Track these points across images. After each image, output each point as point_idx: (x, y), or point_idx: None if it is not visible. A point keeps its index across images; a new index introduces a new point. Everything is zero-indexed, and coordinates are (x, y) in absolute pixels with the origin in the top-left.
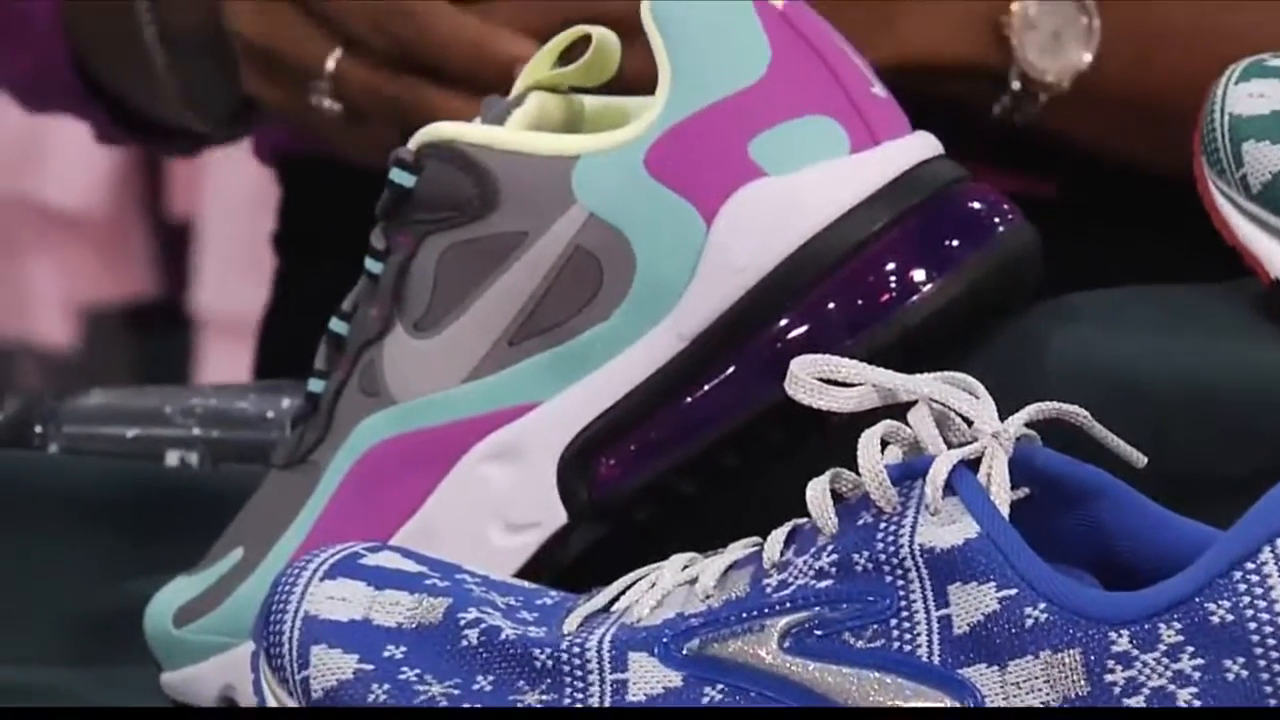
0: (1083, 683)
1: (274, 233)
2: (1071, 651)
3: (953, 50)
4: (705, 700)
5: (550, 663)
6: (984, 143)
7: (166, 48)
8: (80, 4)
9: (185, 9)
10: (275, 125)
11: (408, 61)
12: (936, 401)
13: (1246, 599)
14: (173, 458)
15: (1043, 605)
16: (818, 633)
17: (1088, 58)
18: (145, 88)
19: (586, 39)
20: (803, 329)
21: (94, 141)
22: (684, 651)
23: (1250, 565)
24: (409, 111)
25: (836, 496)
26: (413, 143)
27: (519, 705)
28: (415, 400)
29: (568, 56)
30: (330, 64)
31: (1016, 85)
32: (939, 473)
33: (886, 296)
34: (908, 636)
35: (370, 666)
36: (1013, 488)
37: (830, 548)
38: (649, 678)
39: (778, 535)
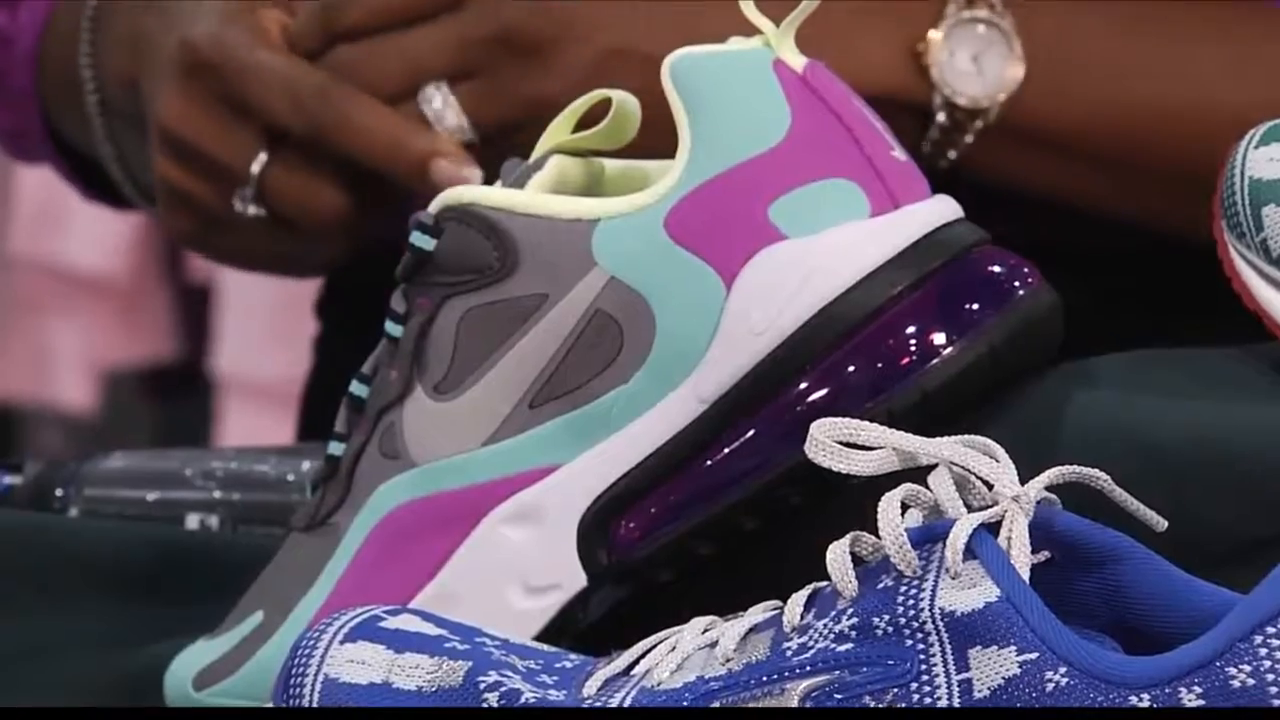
0: None
1: (318, 300)
2: None
3: (873, 82)
4: None
5: None
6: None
7: (105, 119)
8: (46, 66)
9: (119, 86)
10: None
11: (325, 152)
12: (957, 465)
13: (1268, 663)
14: (193, 521)
15: (1063, 669)
16: (838, 696)
17: (1011, 80)
18: (97, 155)
19: (606, 103)
20: (822, 392)
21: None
22: None
23: (1271, 629)
24: (338, 214)
25: (857, 559)
26: (433, 206)
27: None
28: (435, 463)
29: (587, 120)
30: (255, 167)
31: (942, 116)
32: (959, 536)
33: (906, 359)
34: (928, 700)
35: None
36: (1033, 551)
37: (850, 611)
38: None
39: (798, 598)
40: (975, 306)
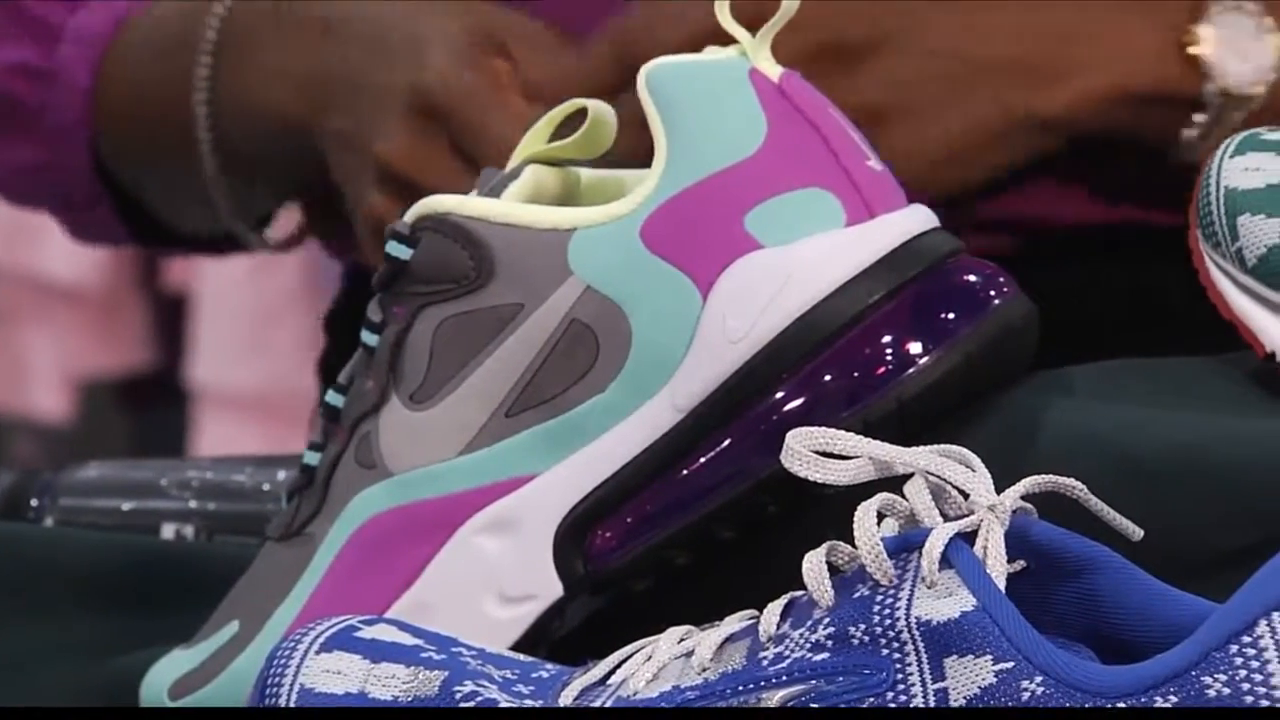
0: None
1: (326, 317)
2: None
3: (1144, 79)
4: None
5: None
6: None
7: (220, 156)
8: (117, 109)
9: (273, 123)
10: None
11: None
12: (932, 474)
13: (1243, 673)
14: (168, 530)
15: (1039, 678)
16: (814, 705)
17: (1271, 65)
18: (185, 195)
19: (582, 112)
20: (799, 401)
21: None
22: None
23: (1247, 639)
24: None
25: (833, 569)
26: (409, 215)
27: None
28: (411, 472)
29: (564, 130)
30: None
31: (1218, 102)
32: (935, 545)
33: (882, 369)
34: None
35: None
36: (1009, 560)
37: (826, 620)
38: None
39: (774, 608)
40: (951, 316)
